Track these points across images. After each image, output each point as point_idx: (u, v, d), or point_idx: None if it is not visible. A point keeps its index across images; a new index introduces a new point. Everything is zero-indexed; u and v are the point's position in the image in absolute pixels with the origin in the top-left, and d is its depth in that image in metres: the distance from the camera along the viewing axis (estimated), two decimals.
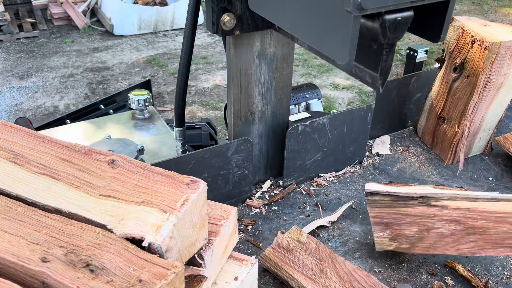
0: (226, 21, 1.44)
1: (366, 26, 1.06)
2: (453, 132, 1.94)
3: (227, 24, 1.44)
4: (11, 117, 4.49)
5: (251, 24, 1.48)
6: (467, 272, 1.51)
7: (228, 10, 1.42)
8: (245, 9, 1.44)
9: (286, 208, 1.78)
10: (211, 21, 1.43)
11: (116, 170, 1.02)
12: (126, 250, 0.86)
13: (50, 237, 0.88)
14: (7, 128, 1.15)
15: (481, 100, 1.85)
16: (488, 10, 7.25)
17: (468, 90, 1.83)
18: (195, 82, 5.14)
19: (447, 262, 1.56)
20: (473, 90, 1.81)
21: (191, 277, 1.00)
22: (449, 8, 1.08)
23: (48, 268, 0.81)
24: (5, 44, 5.92)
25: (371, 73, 1.11)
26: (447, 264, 1.56)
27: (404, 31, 1.03)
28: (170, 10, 6.44)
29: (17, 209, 0.94)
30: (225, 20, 1.43)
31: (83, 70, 5.38)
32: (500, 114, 2.00)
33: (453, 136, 1.95)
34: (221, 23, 1.43)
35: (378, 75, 1.09)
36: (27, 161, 1.05)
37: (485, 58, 1.74)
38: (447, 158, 2.01)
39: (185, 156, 1.59)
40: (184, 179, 0.99)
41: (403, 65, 2.77)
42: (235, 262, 1.19)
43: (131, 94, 2.22)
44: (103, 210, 0.93)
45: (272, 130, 1.80)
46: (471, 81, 1.82)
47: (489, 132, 2.04)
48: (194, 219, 0.96)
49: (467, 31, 1.81)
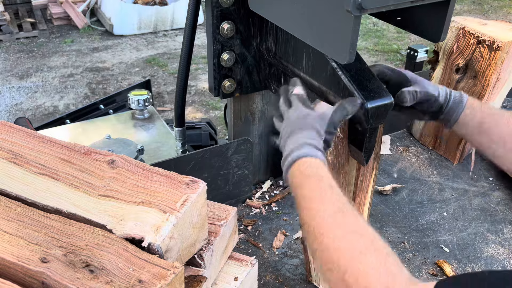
0: (227, 86, 1.55)
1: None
2: None
3: (228, 89, 1.56)
4: (10, 117, 4.49)
5: (250, 87, 1.61)
6: (453, 274, 1.51)
7: (229, 76, 1.54)
8: (244, 74, 1.57)
9: (286, 208, 1.78)
10: (213, 85, 1.55)
11: (115, 170, 1.02)
12: (126, 250, 0.86)
13: (49, 237, 0.88)
14: (7, 128, 1.15)
15: (490, 99, 1.85)
16: (489, 10, 7.25)
17: (477, 90, 1.83)
18: (195, 82, 5.14)
19: (437, 262, 1.56)
20: (483, 90, 1.81)
21: (191, 278, 1.00)
22: (449, 8, 1.08)
23: (47, 269, 0.81)
24: (5, 44, 5.92)
25: (356, 150, 1.21)
26: (436, 263, 1.55)
27: (385, 117, 1.14)
28: (170, 10, 6.44)
29: (17, 209, 0.94)
30: (226, 85, 1.55)
31: (83, 70, 5.38)
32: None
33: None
34: (222, 87, 1.55)
35: (362, 153, 1.19)
36: (27, 161, 1.04)
37: (497, 57, 1.73)
38: (455, 159, 2.01)
39: (185, 156, 1.59)
40: (184, 179, 0.99)
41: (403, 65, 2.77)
42: (235, 262, 1.19)
43: (131, 94, 2.22)
44: (103, 210, 0.93)
45: (272, 130, 1.80)
46: (479, 81, 1.81)
47: None
48: (194, 220, 0.96)
49: (470, 31, 1.80)
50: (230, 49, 1.50)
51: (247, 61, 1.55)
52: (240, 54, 1.53)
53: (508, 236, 1.67)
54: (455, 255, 1.59)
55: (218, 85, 1.54)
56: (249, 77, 1.58)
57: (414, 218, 1.74)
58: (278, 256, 1.57)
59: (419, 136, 2.16)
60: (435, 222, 1.72)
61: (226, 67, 1.52)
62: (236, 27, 1.47)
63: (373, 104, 1.10)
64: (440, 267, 1.55)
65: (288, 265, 1.54)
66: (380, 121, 1.14)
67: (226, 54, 1.50)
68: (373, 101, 1.10)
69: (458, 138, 1.97)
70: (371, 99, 1.10)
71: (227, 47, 1.49)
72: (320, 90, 1.29)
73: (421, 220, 1.73)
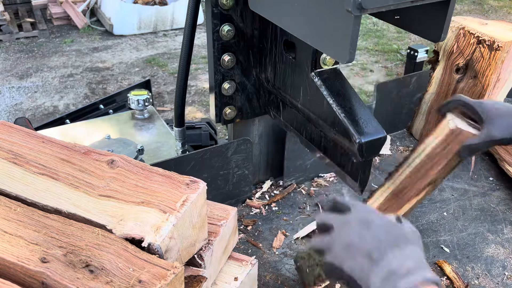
0: (228, 113, 1.60)
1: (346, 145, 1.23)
2: None
3: (229, 116, 1.61)
4: (10, 117, 4.49)
5: (250, 113, 1.65)
6: (453, 274, 1.51)
7: (230, 103, 1.59)
8: (245, 101, 1.61)
9: (286, 208, 1.78)
10: (214, 112, 1.59)
11: (115, 170, 1.02)
12: (126, 250, 0.86)
13: (49, 237, 0.88)
14: (7, 128, 1.15)
15: (490, 99, 1.85)
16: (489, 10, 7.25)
17: (477, 90, 1.83)
18: (195, 82, 5.14)
19: (437, 262, 1.56)
20: (484, 90, 1.81)
21: (191, 278, 1.00)
22: (449, 8, 1.08)
23: (47, 269, 0.81)
24: (5, 44, 5.91)
25: (352, 180, 1.26)
26: (436, 263, 1.55)
27: (379, 150, 1.18)
28: (170, 10, 6.43)
29: (17, 209, 0.94)
30: (227, 112, 1.60)
31: (83, 70, 5.38)
32: None
33: None
34: (224, 114, 1.59)
35: (357, 183, 1.24)
36: (27, 161, 1.04)
37: (498, 57, 1.73)
38: None
39: (185, 156, 1.59)
40: (184, 179, 0.99)
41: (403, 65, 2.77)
42: (235, 262, 1.19)
43: (130, 94, 2.21)
44: (103, 210, 0.93)
45: (272, 130, 1.80)
46: (480, 81, 1.81)
47: None
48: (193, 220, 0.96)
49: (470, 31, 1.80)
50: (231, 79, 1.55)
51: (247, 89, 1.60)
52: (241, 83, 1.57)
53: (508, 236, 1.67)
54: (455, 255, 1.59)
55: (220, 112, 1.59)
56: (249, 103, 1.63)
57: (414, 218, 1.74)
58: (278, 256, 1.57)
59: (419, 136, 2.16)
60: (435, 222, 1.72)
61: (227, 96, 1.57)
62: (237, 58, 1.52)
63: (367, 139, 1.14)
64: (440, 267, 1.55)
65: (288, 265, 1.54)
66: (373, 155, 1.18)
67: (227, 83, 1.54)
68: (366, 136, 1.14)
69: None
70: (365, 135, 1.14)
71: (228, 77, 1.54)
72: (317, 122, 1.33)
73: (421, 220, 1.73)
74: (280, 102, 1.53)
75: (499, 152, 1.97)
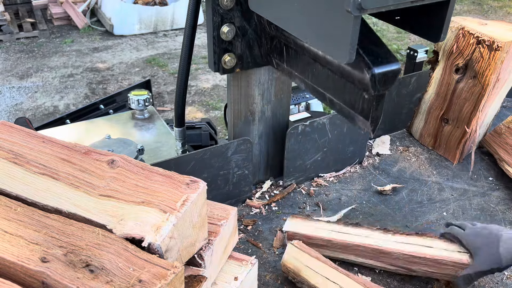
0: (227, 61, 1.50)
1: (357, 79, 1.13)
2: (461, 132, 1.94)
3: (228, 64, 1.50)
4: (11, 117, 4.49)
5: (251, 62, 1.55)
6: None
7: (229, 50, 1.49)
8: (245, 49, 1.50)
9: (286, 208, 1.78)
10: (212, 60, 1.49)
11: (116, 170, 1.02)
12: (126, 250, 0.86)
13: (49, 237, 0.88)
14: (7, 128, 1.15)
15: (490, 99, 1.86)
16: (488, 10, 7.26)
17: (477, 90, 1.83)
18: (195, 82, 5.14)
19: None
20: (483, 90, 1.81)
21: (191, 277, 1.00)
22: (449, 8, 1.08)
23: (47, 268, 0.81)
24: (5, 44, 5.92)
25: (363, 120, 1.17)
26: None
27: (393, 83, 1.09)
28: (170, 10, 6.44)
29: (17, 209, 0.94)
30: (226, 60, 1.49)
31: (83, 70, 5.38)
32: (497, 109, 2.03)
33: (461, 136, 1.95)
34: (222, 62, 1.49)
35: (369, 122, 1.15)
36: (27, 161, 1.05)
37: (497, 57, 1.73)
38: (455, 158, 2.01)
39: (185, 156, 1.59)
40: (184, 179, 0.99)
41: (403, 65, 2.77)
42: (235, 262, 1.19)
43: (131, 94, 2.22)
44: (103, 210, 0.93)
45: (272, 130, 1.80)
46: (479, 81, 1.81)
47: (486, 127, 2.07)
48: (194, 219, 0.96)
49: (470, 31, 1.80)
50: (230, 22, 1.43)
51: (247, 35, 1.49)
52: (241, 27, 1.46)
53: None
54: None
55: (218, 60, 1.48)
56: (250, 51, 1.52)
57: (414, 218, 1.74)
58: (278, 256, 1.57)
59: (419, 136, 2.16)
60: (435, 222, 1.72)
61: (226, 41, 1.46)
62: None
63: (380, 70, 1.06)
64: None
65: None
66: (387, 88, 1.10)
67: (226, 26, 1.43)
68: (380, 66, 1.06)
69: (457, 138, 1.97)
70: (378, 65, 1.07)
71: (227, 20, 1.43)
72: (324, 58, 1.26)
73: (421, 220, 1.73)
74: (284, 46, 1.44)
75: (498, 152, 1.97)
